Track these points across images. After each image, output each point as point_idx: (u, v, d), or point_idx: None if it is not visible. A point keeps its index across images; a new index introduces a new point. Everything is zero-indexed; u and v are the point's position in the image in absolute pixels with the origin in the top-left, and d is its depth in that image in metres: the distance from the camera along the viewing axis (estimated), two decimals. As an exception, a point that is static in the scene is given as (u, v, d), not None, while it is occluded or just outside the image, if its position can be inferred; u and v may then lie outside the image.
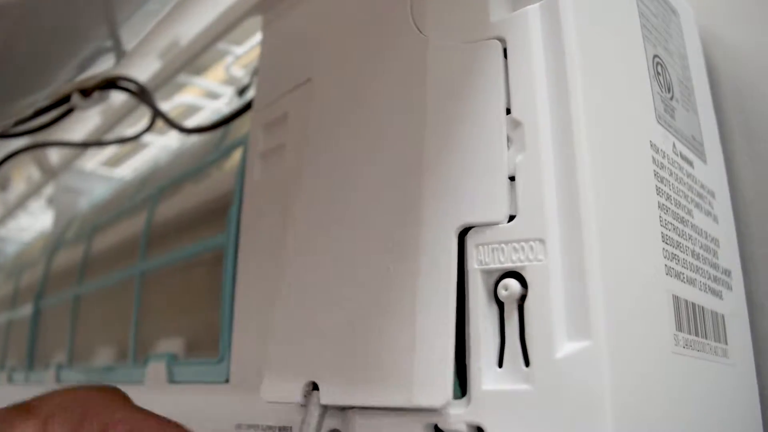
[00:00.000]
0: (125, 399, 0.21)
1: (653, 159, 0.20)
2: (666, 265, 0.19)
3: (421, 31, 0.21)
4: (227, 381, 0.26)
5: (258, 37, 0.38)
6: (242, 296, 0.27)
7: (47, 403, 0.20)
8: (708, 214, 0.23)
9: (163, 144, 0.57)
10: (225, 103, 0.46)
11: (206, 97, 0.52)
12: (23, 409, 0.20)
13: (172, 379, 0.30)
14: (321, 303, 0.20)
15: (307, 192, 0.22)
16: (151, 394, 0.31)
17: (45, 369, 0.46)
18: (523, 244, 0.17)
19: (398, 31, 0.20)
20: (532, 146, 0.18)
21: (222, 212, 0.30)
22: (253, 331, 0.26)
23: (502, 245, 0.17)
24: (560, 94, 0.18)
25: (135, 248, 0.38)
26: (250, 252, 0.27)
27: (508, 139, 0.18)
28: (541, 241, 0.17)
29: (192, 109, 0.53)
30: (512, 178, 0.18)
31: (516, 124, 0.18)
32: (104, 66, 0.31)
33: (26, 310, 0.53)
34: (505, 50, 0.19)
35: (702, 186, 0.23)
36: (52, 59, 0.26)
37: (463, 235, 0.18)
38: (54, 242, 0.56)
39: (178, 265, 0.35)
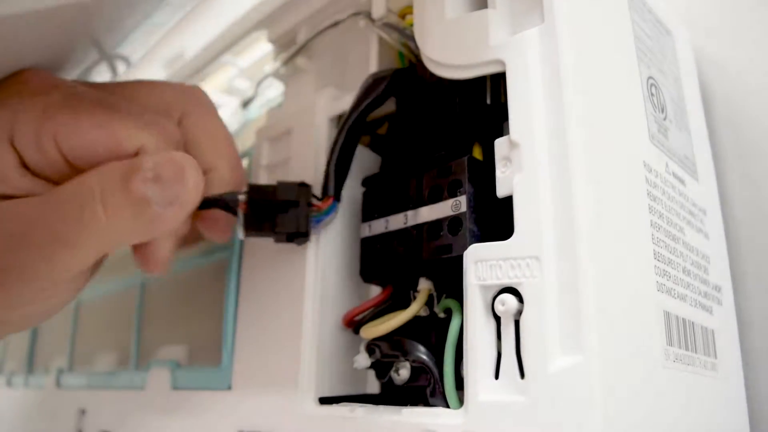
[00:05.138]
0: None
1: (646, 179, 0.21)
2: (658, 282, 0.20)
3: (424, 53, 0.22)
4: (230, 388, 0.27)
5: (262, 49, 0.38)
6: (246, 305, 0.27)
7: None
8: (699, 231, 0.24)
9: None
10: (228, 115, 0.46)
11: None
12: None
13: (174, 386, 0.30)
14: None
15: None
16: (153, 399, 0.31)
17: (45, 373, 0.46)
18: (519, 261, 0.18)
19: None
20: (529, 167, 0.18)
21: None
22: (256, 338, 0.26)
23: (500, 262, 0.18)
24: (557, 116, 0.18)
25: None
26: (255, 262, 0.28)
27: (507, 159, 0.19)
28: (537, 258, 0.17)
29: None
30: (510, 198, 0.19)
31: (514, 145, 0.19)
32: (108, 76, 0.32)
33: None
34: (504, 73, 0.20)
35: (694, 204, 0.24)
36: (55, 69, 0.27)
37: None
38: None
39: (180, 271, 0.35)
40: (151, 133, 0.22)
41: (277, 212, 0.23)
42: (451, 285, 0.22)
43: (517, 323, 0.18)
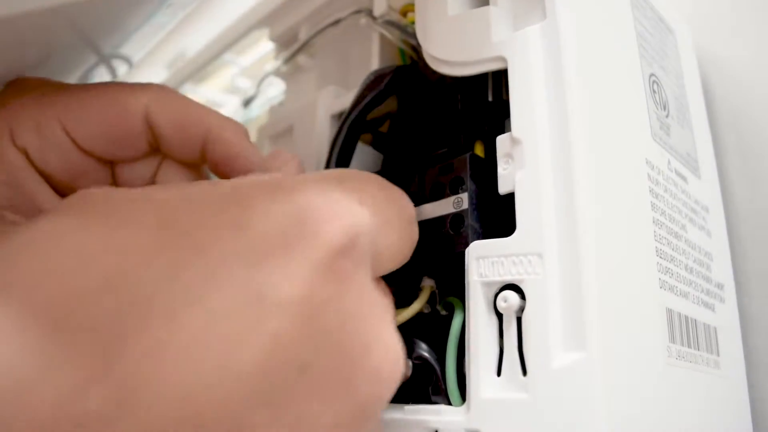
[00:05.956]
0: None
1: (648, 176, 0.21)
2: (660, 279, 0.20)
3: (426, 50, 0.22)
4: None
5: (263, 47, 0.38)
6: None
7: None
8: (701, 228, 0.24)
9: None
10: (230, 113, 0.46)
11: (207, 105, 0.52)
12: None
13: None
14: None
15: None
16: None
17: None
18: (522, 258, 0.18)
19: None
20: (531, 164, 0.18)
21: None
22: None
23: (502, 259, 0.18)
24: (559, 112, 0.18)
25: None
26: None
27: (509, 156, 0.19)
28: (539, 255, 0.17)
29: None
30: (512, 195, 0.19)
31: (516, 142, 0.19)
32: (108, 78, 0.32)
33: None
34: (505, 70, 0.20)
35: (696, 201, 0.24)
36: (56, 71, 0.27)
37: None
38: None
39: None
40: (152, 90, 0.22)
41: None
42: (453, 282, 0.22)
43: (519, 320, 0.18)
